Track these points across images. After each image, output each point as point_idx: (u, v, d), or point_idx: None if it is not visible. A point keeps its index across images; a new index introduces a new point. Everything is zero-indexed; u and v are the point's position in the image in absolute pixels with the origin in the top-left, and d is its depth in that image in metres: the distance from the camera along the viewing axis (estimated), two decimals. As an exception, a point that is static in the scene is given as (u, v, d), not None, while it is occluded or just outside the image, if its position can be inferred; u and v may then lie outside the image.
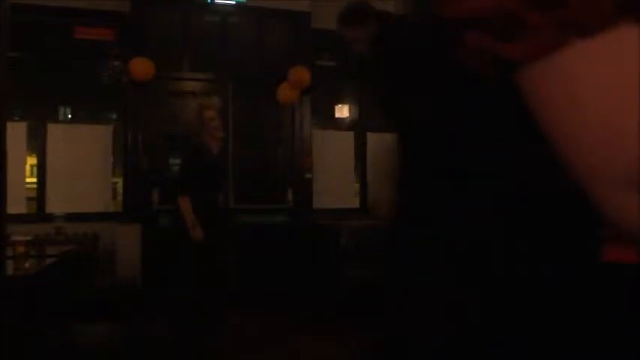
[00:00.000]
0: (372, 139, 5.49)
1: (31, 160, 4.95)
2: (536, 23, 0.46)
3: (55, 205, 4.62)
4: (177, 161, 4.50)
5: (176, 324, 3.60)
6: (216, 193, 3.71)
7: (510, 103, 0.51)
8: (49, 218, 4.39)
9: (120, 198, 4.96)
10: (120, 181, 4.99)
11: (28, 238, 2.89)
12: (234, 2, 5.03)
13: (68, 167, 4.75)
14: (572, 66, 0.46)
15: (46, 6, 4.68)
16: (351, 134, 5.47)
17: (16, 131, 4.47)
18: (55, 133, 4.79)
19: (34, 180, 4.77)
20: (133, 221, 4.54)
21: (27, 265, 2.76)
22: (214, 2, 4.99)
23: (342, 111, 5.79)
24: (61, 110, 5.37)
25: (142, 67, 4.53)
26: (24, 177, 4.80)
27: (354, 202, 5.48)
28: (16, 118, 4.79)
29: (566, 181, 0.50)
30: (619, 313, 0.63)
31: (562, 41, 0.45)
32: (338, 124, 5.76)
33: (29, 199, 4.78)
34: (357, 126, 5.54)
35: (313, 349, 3.73)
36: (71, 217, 4.44)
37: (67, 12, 4.74)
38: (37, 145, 4.76)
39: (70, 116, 5.50)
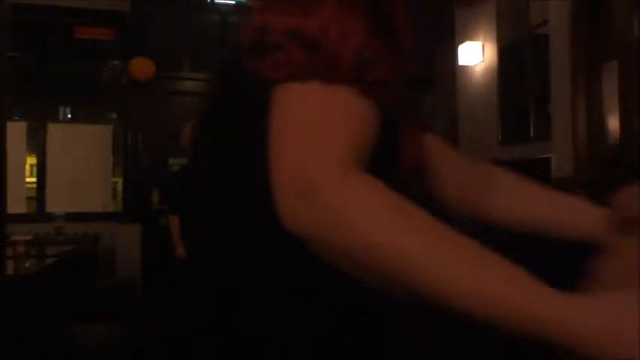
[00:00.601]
0: (372, 139, 5.49)
1: (31, 160, 4.94)
2: (292, 55, 0.59)
3: (55, 205, 4.62)
4: (178, 161, 4.51)
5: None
6: None
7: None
8: (49, 218, 4.39)
9: (120, 198, 4.96)
10: (120, 181, 4.99)
11: (28, 237, 2.90)
12: (234, 2, 5.03)
13: (68, 167, 4.75)
14: (284, 98, 0.58)
15: (46, 6, 4.68)
16: (351, 134, 5.48)
17: (16, 131, 4.47)
18: (55, 133, 4.79)
19: (34, 180, 4.77)
20: (133, 221, 4.54)
21: (27, 265, 2.76)
22: (214, 2, 4.99)
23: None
24: (61, 110, 5.36)
25: (142, 67, 4.53)
26: (24, 177, 4.80)
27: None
28: (16, 118, 4.79)
29: None
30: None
31: (300, 77, 0.58)
32: (338, 124, 5.77)
33: (29, 198, 4.78)
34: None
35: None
36: (71, 217, 4.44)
37: (68, 12, 4.74)
38: (37, 145, 4.76)
39: (70, 116, 5.50)
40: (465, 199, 0.87)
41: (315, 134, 0.56)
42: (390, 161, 0.66)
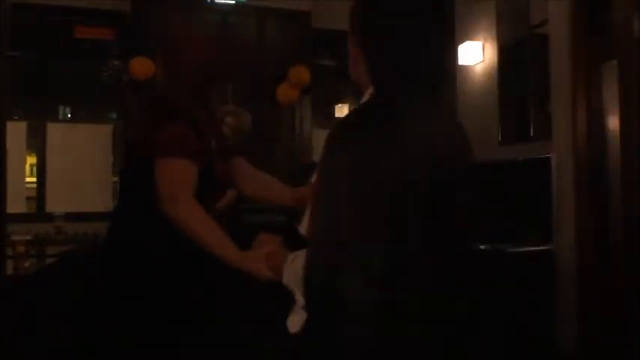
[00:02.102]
0: (372, 139, 5.48)
1: (31, 160, 4.94)
2: (160, 143, 1.53)
3: (55, 205, 4.62)
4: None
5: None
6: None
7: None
8: (49, 218, 4.38)
9: (120, 198, 4.96)
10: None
11: (28, 237, 2.90)
12: (234, 2, 5.03)
13: (68, 167, 4.75)
14: (158, 162, 1.52)
15: (46, 5, 4.68)
16: (351, 134, 5.47)
17: (16, 131, 4.47)
18: (55, 132, 4.79)
19: (34, 179, 4.77)
20: (133, 221, 4.52)
21: (27, 264, 2.76)
22: (214, 2, 4.99)
23: (342, 111, 5.79)
24: (61, 110, 5.36)
25: (141, 66, 4.53)
26: (24, 176, 4.80)
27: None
28: (16, 118, 4.79)
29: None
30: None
31: (164, 154, 1.52)
32: (338, 124, 5.76)
33: (29, 198, 4.78)
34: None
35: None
36: (71, 217, 4.43)
37: (68, 11, 4.74)
38: (37, 144, 4.76)
39: (70, 116, 5.50)
40: (255, 193, 1.90)
41: (170, 178, 1.49)
42: (211, 177, 1.61)
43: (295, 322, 1.18)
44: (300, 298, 1.14)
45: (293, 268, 1.19)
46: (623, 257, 3.10)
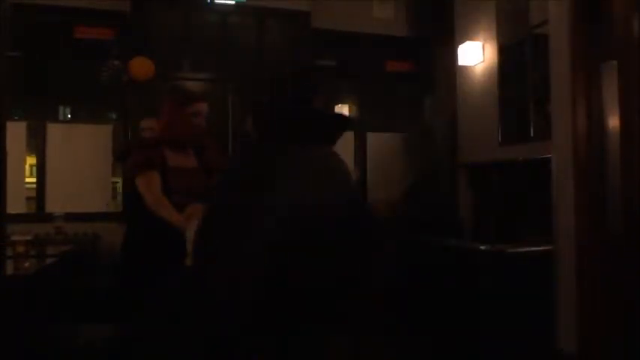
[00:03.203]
0: (372, 139, 5.49)
1: (31, 160, 4.94)
2: (137, 165, 2.50)
3: (54, 205, 4.62)
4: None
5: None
6: None
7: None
8: (49, 218, 4.38)
9: (120, 198, 4.96)
10: (120, 180, 4.98)
11: (28, 237, 2.89)
12: (234, 2, 5.03)
13: (68, 167, 4.75)
14: (138, 179, 2.45)
15: (46, 6, 4.68)
16: (351, 134, 5.47)
17: (16, 131, 4.47)
18: (54, 132, 4.79)
19: (34, 180, 4.76)
20: (133, 221, 4.52)
21: (27, 265, 2.76)
22: (214, 2, 4.99)
23: (342, 111, 5.79)
24: (61, 110, 5.35)
25: (141, 67, 4.53)
26: (24, 177, 4.79)
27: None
28: (16, 118, 4.78)
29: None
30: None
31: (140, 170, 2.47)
32: (338, 124, 5.74)
33: (29, 198, 4.77)
34: (357, 126, 5.54)
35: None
36: (71, 217, 4.43)
37: (68, 11, 4.74)
38: (37, 145, 4.76)
39: (69, 116, 5.49)
40: None
41: (146, 187, 2.40)
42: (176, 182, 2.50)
43: (189, 260, 2.08)
44: (189, 246, 2.03)
45: (191, 230, 2.01)
46: (622, 257, 3.10)
